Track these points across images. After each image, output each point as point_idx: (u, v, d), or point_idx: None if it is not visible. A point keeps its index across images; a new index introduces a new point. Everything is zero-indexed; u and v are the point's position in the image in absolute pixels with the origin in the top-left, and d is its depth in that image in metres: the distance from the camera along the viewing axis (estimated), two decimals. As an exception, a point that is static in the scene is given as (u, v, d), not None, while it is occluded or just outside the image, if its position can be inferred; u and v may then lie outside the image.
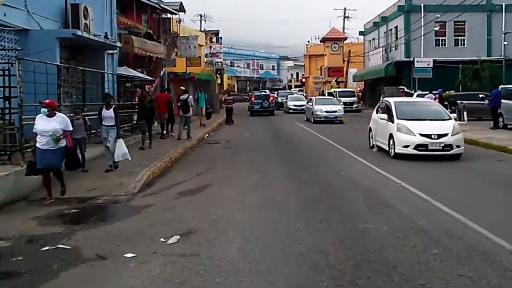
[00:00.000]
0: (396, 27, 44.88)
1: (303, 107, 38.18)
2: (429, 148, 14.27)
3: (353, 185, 11.10)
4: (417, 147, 14.27)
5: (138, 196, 10.18)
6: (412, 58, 40.38)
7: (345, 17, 64.09)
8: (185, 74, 37.40)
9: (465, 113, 28.30)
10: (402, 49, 42.75)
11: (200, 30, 52.04)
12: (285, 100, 46.84)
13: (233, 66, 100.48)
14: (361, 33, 57.48)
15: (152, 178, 12.21)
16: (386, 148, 15.57)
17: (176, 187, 11.16)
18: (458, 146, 14.45)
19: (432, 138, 14.25)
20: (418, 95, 35.51)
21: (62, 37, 15.30)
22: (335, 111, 32.14)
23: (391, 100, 17.01)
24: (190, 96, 23.52)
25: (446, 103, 33.42)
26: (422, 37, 40.70)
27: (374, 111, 18.16)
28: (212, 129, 29.35)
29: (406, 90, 38.54)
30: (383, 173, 12.35)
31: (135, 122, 22.58)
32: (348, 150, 17.06)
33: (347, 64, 59.53)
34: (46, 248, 6.78)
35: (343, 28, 62.96)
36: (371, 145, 17.46)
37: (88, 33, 17.08)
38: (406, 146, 14.39)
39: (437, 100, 26.63)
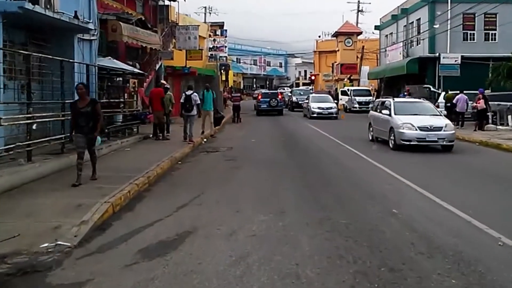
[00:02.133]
0: (418, 20, 40.71)
1: (333, 111, 35.27)
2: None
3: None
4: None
5: (73, 256, 6.20)
6: (437, 54, 36.33)
7: (358, 10, 60.03)
8: (185, 68, 33.49)
9: (509, 117, 24.20)
10: (425, 44, 38.60)
11: (205, 23, 48.09)
12: (306, 101, 38.23)
13: (239, 63, 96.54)
14: (376, 27, 53.25)
15: (112, 213, 8.25)
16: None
17: (142, 234, 7.17)
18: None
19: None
20: (446, 95, 31.66)
21: (6, 11, 11.39)
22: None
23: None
24: (195, 93, 19.69)
25: (448, 104, 29.56)
26: (449, 31, 36.53)
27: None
28: (215, 130, 25.45)
29: (432, 89, 34.59)
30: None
31: (120, 123, 18.75)
32: (390, 169, 13.09)
33: (360, 61, 55.44)
34: None
35: (357, 22, 58.90)
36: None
37: (51, 11, 13.18)
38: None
39: (481, 101, 22.65)
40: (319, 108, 34.72)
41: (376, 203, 8.94)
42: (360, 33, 52.46)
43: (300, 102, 43.63)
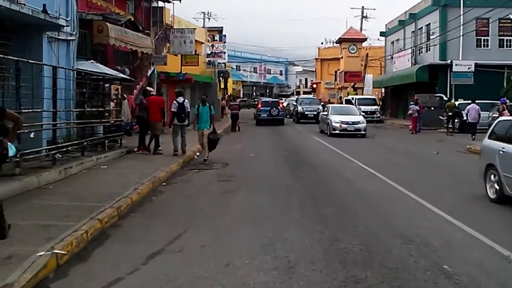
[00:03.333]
0: (428, 26, 38.61)
1: (361, 126, 26.91)
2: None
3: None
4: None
5: None
6: (449, 61, 34.15)
7: (363, 16, 57.86)
8: (180, 74, 31.22)
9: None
10: (436, 50, 36.47)
11: (203, 28, 45.88)
12: (323, 113, 30.63)
13: (239, 70, 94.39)
14: (382, 33, 51.18)
15: (55, 267, 5.95)
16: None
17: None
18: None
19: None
20: (459, 105, 29.50)
21: None
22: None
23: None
24: (187, 100, 17.57)
25: (450, 113, 28.45)
26: (461, 37, 34.35)
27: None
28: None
29: (444, 98, 32.39)
30: None
31: (102, 134, 16.49)
32: (428, 201, 10.80)
33: (364, 69, 53.25)
34: None
35: (361, 28, 56.70)
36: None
37: (10, 1, 10.94)
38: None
39: (506, 112, 20.36)
40: (343, 122, 26.47)
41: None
42: (365, 39, 50.32)
43: (307, 113, 39.25)
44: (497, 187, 9.58)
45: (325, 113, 28.96)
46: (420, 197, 10.15)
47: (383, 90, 52.48)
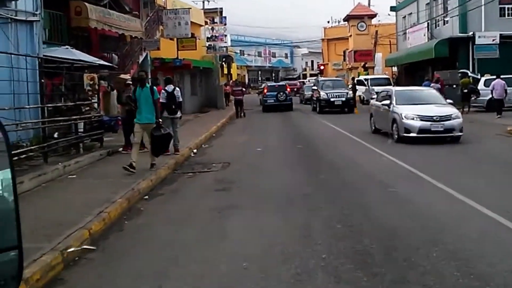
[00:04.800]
0: (445, -5, 35.49)
1: (455, 123, 15.52)
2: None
3: None
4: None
5: None
6: (471, 33, 31.05)
7: (371, -9, 54.55)
8: (176, 60, 28.45)
9: None
10: (455, 23, 33.34)
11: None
12: (384, 104, 17.61)
13: (243, 55, 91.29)
14: (392, 8, 47.95)
15: None
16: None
17: None
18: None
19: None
20: (486, 81, 26.80)
21: None
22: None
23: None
24: (178, 89, 14.94)
25: (465, 90, 26.80)
26: (483, 6, 31.20)
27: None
28: (211, 133, 20.52)
29: (470, 73, 29.40)
30: None
31: (81, 133, 13.79)
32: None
33: (374, 47, 50.12)
34: None
35: (369, 4, 53.43)
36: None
37: None
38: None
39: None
40: (422, 118, 15.46)
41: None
42: (375, 15, 47.09)
43: (332, 99, 29.81)
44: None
45: (384, 102, 17.35)
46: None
47: (394, 68, 49.43)
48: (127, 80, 14.66)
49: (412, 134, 15.37)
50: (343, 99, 29.93)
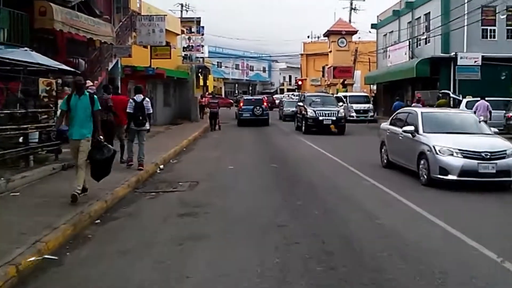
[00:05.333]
0: (427, 15, 34.87)
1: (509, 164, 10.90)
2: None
3: None
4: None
5: None
6: (454, 54, 30.42)
7: (351, 8, 54.18)
8: (149, 69, 27.13)
9: None
10: (437, 42, 32.72)
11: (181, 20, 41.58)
12: (407, 129, 12.57)
13: (220, 67, 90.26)
14: (373, 26, 47.39)
15: None
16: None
17: None
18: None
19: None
20: (468, 102, 26.17)
21: None
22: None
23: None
24: (148, 99, 13.66)
25: None
26: (466, 27, 30.63)
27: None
28: (181, 147, 19.28)
29: (452, 94, 28.75)
30: None
31: (34, 144, 12.42)
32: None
33: (354, 64, 49.53)
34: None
35: (349, 21, 52.96)
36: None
37: None
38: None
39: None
40: (466, 154, 10.95)
41: None
42: (355, 32, 46.49)
43: (321, 119, 25.71)
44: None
45: (407, 128, 12.54)
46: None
47: (373, 86, 48.88)
48: (89, 86, 13.27)
49: (450, 177, 10.78)
50: (333, 118, 25.88)
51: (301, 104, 28.36)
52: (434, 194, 10.44)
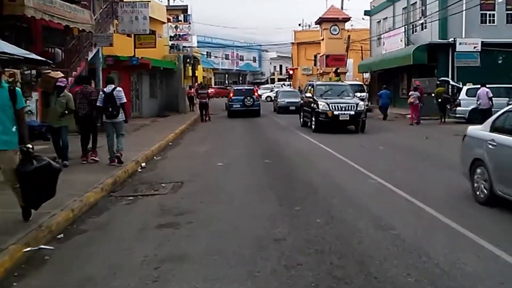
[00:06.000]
0: (423, 0, 33.57)
1: None
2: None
3: None
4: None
5: None
6: (452, 40, 29.18)
7: (343, -5, 52.60)
8: (133, 59, 25.69)
9: None
10: (434, 28, 31.45)
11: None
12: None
13: (210, 57, 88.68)
14: (366, 13, 46.09)
15: None
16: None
17: None
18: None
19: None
20: (469, 90, 25.15)
21: None
22: None
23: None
24: (119, 88, 12.37)
25: (439, 100, 25.38)
26: (464, 12, 29.37)
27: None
28: (167, 142, 17.99)
29: (452, 82, 27.61)
30: None
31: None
32: None
33: (347, 52, 48.10)
34: None
35: (341, 8, 51.42)
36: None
37: None
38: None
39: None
40: None
41: None
42: (348, 19, 44.86)
43: (337, 113, 20.60)
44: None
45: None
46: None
47: (366, 75, 47.59)
48: (59, 78, 11.84)
49: None
50: (352, 112, 20.75)
51: (309, 95, 22.88)
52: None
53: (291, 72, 69.44)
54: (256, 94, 33.42)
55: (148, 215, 8.03)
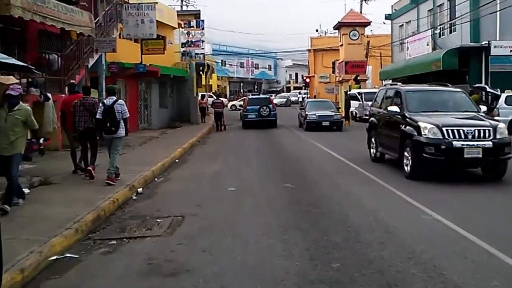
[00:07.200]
0: (451, 1, 31.22)
1: None
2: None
3: None
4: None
5: None
6: (485, 43, 26.80)
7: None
8: (139, 66, 23.65)
9: None
10: (464, 30, 29.10)
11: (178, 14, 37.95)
12: None
13: (224, 66, 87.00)
14: (388, 17, 43.81)
15: None
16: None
17: None
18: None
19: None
20: (508, 97, 22.97)
21: None
22: None
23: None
24: (122, 102, 10.44)
25: None
26: (498, 12, 26.98)
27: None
28: (173, 158, 15.95)
29: (488, 89, 25.20)
30: None
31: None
32: None
33: (366, 58, 45.86)
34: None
35: (360, 13, 49.31)
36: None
37: None
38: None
39: None
40: None
41: None
42: (368, 23, 42.64)
43: (458, 145, 10.89)
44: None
45: None
46: None
47: (385, 82, 45.26)
48: (11, 85, 9.38)
49: None
50: (486, 144, 8.67)
51: (393, 109, 12.89)
52: None
53: (307, 80, 67.21)
54: (272, 103, 31.25)
55: (128, 275, 5.83)
